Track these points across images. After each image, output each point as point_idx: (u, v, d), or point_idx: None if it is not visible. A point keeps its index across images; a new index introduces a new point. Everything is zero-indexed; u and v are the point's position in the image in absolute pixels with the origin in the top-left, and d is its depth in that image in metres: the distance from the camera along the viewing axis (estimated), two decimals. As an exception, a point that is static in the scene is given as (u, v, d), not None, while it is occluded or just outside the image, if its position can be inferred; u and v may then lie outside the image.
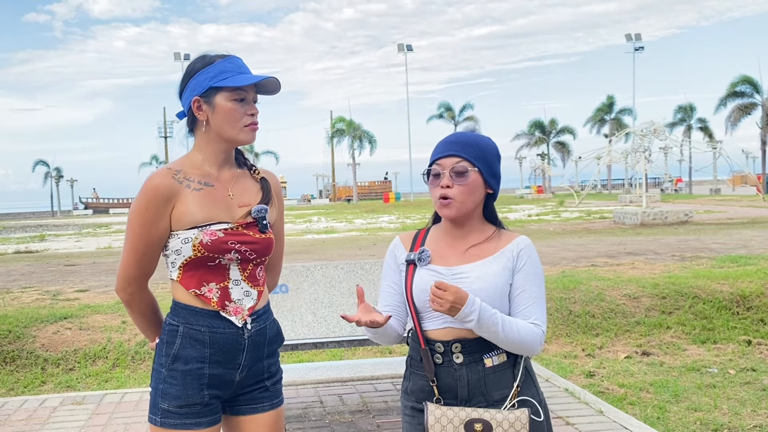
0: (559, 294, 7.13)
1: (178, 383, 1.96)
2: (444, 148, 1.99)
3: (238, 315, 2.00)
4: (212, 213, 1.96)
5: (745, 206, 29.22)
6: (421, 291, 1.95)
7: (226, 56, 2.00)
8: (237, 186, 2.04)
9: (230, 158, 2.08)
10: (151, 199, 1.93)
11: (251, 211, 2.01)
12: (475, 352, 1.93)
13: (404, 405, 2.06)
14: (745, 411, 4.51)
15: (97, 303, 7.59)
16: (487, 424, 1.85)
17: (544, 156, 67.15)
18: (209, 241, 1.93)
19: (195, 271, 1.97)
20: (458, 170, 1.94)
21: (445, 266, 1.97)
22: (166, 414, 1.97)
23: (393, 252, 2.10)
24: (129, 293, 2.04)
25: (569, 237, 15.91)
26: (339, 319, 4.30)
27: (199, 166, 2.01)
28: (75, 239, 23.55)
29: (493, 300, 1.91)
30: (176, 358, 1.97)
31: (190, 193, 1.96)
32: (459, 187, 1.93)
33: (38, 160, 68.99)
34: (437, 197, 1.97)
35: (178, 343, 1.97)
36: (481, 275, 1.93)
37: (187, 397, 1.96)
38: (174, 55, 65.99)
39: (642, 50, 64.14)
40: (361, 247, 14.84)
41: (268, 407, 2.10)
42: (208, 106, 1.98)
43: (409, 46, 65.29)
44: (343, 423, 4.25)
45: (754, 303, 7.06)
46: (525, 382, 1.96)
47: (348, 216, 32.74)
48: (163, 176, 1.95)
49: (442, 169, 1.96)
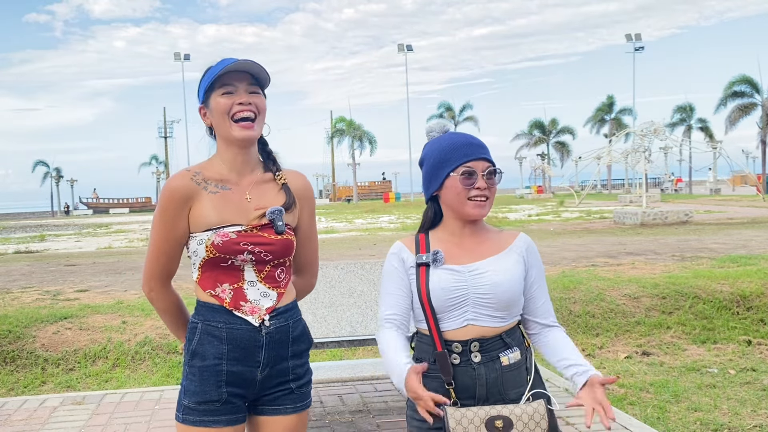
0: (559, 294, 7.13)
1: (196, 379, 1.98)
2: (474, 150, 2.02)
3: (254, 314, 1.99)
4: (226, 215, 1.97)
5: (745, 206, 29.21)
6: (439, 290, 1.95)
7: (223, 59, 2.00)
8: (256, 190, 2.04)
9: (251, 162, 2.07)
10: (169, 201, 1.97)
11: (266, 213, 2.01)
12: (492, 350, 1.95)
13: (411, 408, 2.00)
14: (745, 411, 4.51)
15: (97, 303, 7.59)
16: (508, 420, 1.86)
17: (544, 156, 67.17)
18: (220, 242, 1.94)
19: (211, 272, 1.99)
20: (492, 173, 2.01)
21: (460, 264, 1.99)
22: (187, 411, 1.98)
23: (399, 255, 2.06)
24: (150, 289, 2.08)
25: (569, 237, 15.91)
26: (339, 319, 4.31)
27: (218, 170, 2.03)
28: (75, 239, 23.55)
29: (513, 292, 1.97)
30: (194, 354, 1.99)
31: (207, 195, 1.98)
32: (493, 189, 2.02)
33: (38, 161, 69.10)
34: (468, 197, 1.98)
35: (196, 340, 1.99)
36: (499, 269, 1.98)
37: (204, 394, 1.97)
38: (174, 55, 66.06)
39: (642, 50, 64.21)
40: (361, 247, 14.83)
41: (291, 410, 2.07)
42: (209, 111, 2.03)
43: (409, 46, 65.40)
44: (343, 423, 4.25)
45: (754, 303, 7.06)
46: (534, 377, 2.02)
47: (348, 216, 32.73)
48: (181, 178, 1.99)
49: (477, 170, 1.99)
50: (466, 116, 64.74)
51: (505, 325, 1.99)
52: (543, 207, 35.64)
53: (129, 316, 6.83)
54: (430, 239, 2.06)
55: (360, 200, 62.98)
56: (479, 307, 1.95)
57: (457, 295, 1.95)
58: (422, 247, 2.04)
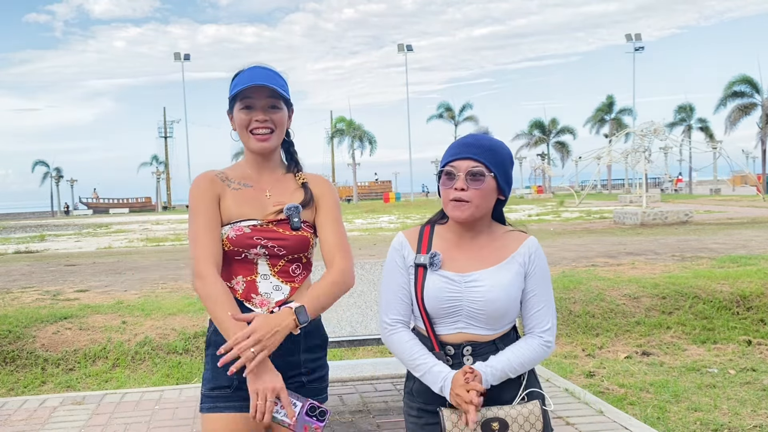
0: (559, 294, 7.13)
1: (210, 367, 2.05)
2: (460, 149, 1.94)
3: (263, 307, 2.04)
4: (244, 210, 2.06)
5: (745, 206, 29.21)
6: (433, 297, 1.93)
7: (251, 67, 2.11)
8: (276, 187, 2.13)
9: (272, 162, 2.16)
10: (205, 190, 2.06)
11: (283, 209, 2.06)
12: (485, 354, 1.94)
13: (409, 406, 2.02)
14: (745, 411, 4.51)
15: (97, 303, 7.60)
16: (503, 422, 1.86)
17: (544, 156, 67.17)
18: (234, 235, 2.02)
19: (228, 264, 2.06)
20: (474, 174, 1.90)
21: (457, 272, 1.94)
22: (203, 399, 2.05)
23: (400, 251, 2.02)
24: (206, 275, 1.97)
25: (569, 237, 15.90)
26: (339, 318, 4.30)
27: (242, 171, 2.14)
28: (75, 239, 23.54)
29: (506, 309, 1.93)
30: (210, 343, 2.07)
31: (230, 191, 2.09)
32: (474, 191, 1.90)
33: (38, 161, 69.06)
34: (449, 198, 1.93)
35: (211, 330, 2.07)
36: (495, 284, 1.92)
37: (216, 379, 2.02)
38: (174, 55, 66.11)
39: (642, 50, 64.29)
40: (361, 248, 14.83)
41: None
42: (232, 119, 2.14)
43: (409, 46, 65.48)
44: (343, 423, 4.25)
45: (754, 303, 7.06)
46: (528, 377, 2.00)
47: (348, 216, 32.73)
48: (207, 174, 2.11)
49: (456, 171, 1.92)
50: (465, 116, 64.73)
51: (499, 333, 1.97)
52: (543, 207, 35.63)
53: (129, 316, 6.83)
54: (433, 235, 2.02)
55: (360, 200, 62.98)
56: (471, 318, 1.93)
57: (450, 305, 1.93)
58: (424, 244, 2.00)
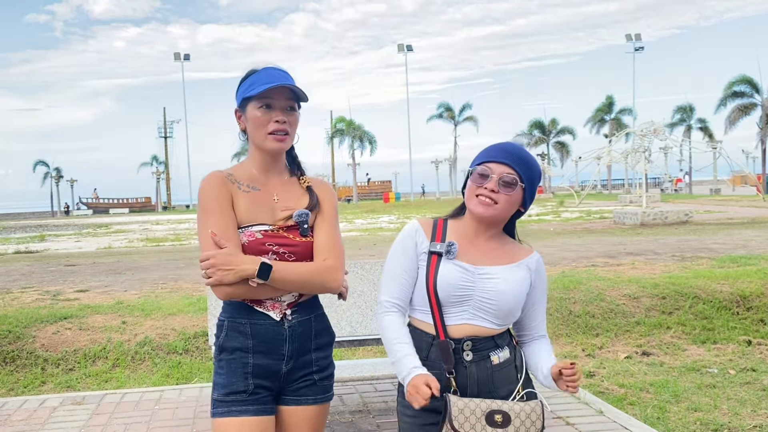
0: (559, 294, 7.13)
1: (224, 372, 2.05)
2: (498, 154, 2.01)
3: (275, 310, 2.06)
4: (255, 215, 2.05)
5: (745, 206, 29.20)
6: (446, 284, 1.97)
7: (266, 67, 2.10)
8: (283, 191, 2.13)
9: (279, 165, 2.16)
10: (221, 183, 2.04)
11: (293, 215, 2.06)
12: (483, 350, 1.99)
13: (404, 405, 2.01)
14: (745, 411, 4.51)
15: (97, 303, 7.60)
16: (507, 415, 1.90)
17: (544, 156, 67.09)
18: (247, 241, 2.02)
19: None
20: (508, 180, 1.98)
21: (471, 264, 2.00)
22: (216, 404, 2.05)
23: (413, 237, 2.06)
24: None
25: (569, 237, 15.91)
26: (339, 318, 4.30)
27: (248, 172, 2.13)
28: (75, 239, 23.54)
29: (514, 305, 2.00)
30: (222, 349, 2.07)
31: (241, 193, 2.08)
32: (503, 196, 1.98)
33: (38, 160, 69.02)
34: (476, 195, 1.99)
35: (222, 336, 2.07)
36: (508, 279, 2.00)
37: (231, 385, 2.03)
38: (174, 55, 66.20)
39: (642, 50, 64.33)
40: (361, 248, 14.83)
41: (312, 401, 2.13)
42: (244, 117, 2.12)
43: (409, 46, 65.51)
44: (343, 423, 4.25)
45: (754, 303, 7.06)
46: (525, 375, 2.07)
47: (348, 216, 32.73)
48: (217, 173, 2.08)
49: (491, 172, 1.98)
50: (465, 116, 64.73)
51: (500, 330, 2.03)
52: (543, 207, 35.63)
53: (129, 316, 6.83)
54: (447, 228, 2.07)
55: (360, 200, 62.96)
56: (480, 310, 1.98)
57: (462, 294, 1.97)
58: (438, 235, 2.05)
